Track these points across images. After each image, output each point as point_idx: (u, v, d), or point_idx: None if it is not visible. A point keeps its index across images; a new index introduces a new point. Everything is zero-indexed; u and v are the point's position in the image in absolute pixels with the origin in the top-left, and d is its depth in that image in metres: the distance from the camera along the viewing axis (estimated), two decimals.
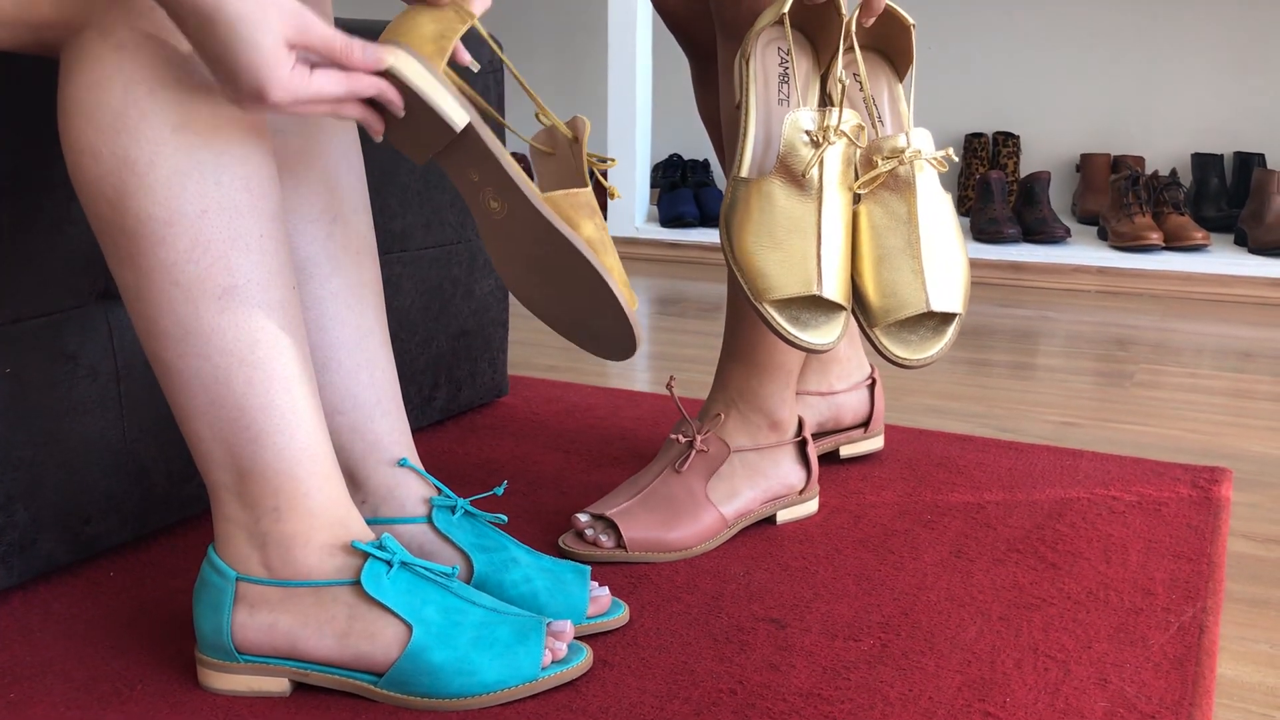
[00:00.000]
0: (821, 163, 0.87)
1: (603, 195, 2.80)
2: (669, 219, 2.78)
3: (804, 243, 0.86)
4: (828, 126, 0.87)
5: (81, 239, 0.94)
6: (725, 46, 1.05)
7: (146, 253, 0.76)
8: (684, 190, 2.86)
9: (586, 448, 1.34)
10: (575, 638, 0.88)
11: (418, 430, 1.38)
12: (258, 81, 0.69)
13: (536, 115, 0.91)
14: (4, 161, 0.88)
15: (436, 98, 0.78)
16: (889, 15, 0.93)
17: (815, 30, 0.95)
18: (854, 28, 0.91)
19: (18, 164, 0.89)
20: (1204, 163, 2.66)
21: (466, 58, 0.83)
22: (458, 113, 0.79)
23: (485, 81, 1.38)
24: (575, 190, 0.83)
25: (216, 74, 0.71)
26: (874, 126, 0.97)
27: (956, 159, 0.96)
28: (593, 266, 0.82)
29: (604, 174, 0.95)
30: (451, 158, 0.82)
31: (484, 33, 0.90)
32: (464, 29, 0.81)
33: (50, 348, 0.93)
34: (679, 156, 3.07)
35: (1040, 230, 2.53)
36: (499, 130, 0.94)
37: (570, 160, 0.89)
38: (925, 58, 2.93)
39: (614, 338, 0.86)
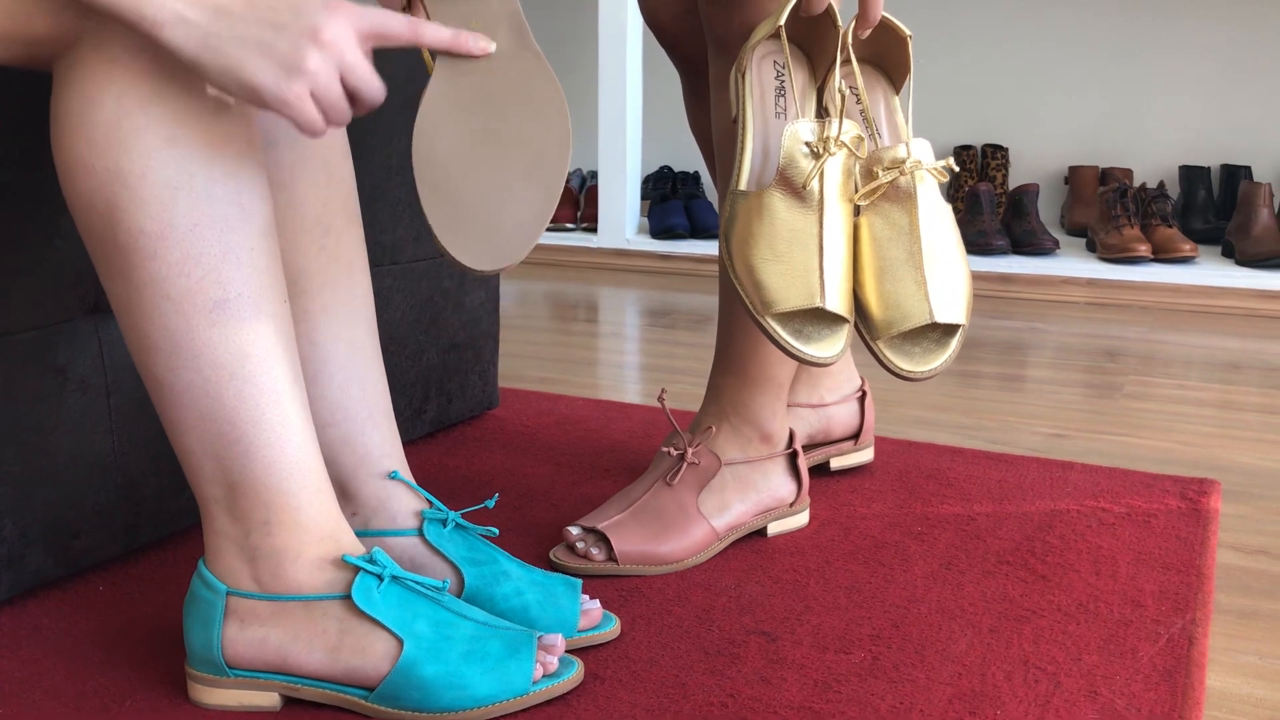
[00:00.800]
0: (822, 174, 0.87)
1: None
2: (659, 231, 2.79)
3: (806, 255, 0.86)
4: (828, 137, 0.87)
5: (71, 253, 0.94)
6: (717, 61, 1.05)
7: (138, 266, 0.76)
8: (674, 202, 2.86)
9: (577, 460, 1.34)
10: (566, 651, 0.88)
11: (408, 443, 1.38)
12: (329, 8, 0.71)
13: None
14: None
15: None
16: (885, 27, 0.93)
17: (811, 43, 0.95)
18: (850, 40, 0.91)
19: (7, 178, 0.88)
20: (1191, 175, 2.68)
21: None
22: None
23: None
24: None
25: (277, 24, 0.71)
26: (872, 138, 0.97)
27: (957, 168, 0.96)
28: (564, 111, 0.82)
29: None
30: (463, 4, 0.83)
31: None
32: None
33: (40, 361, 0.93)
34: (669, 168, 3.08)
35: (1029, 242, 2.54)
36: None
37: None
38: (914, 71, 2.95)
39: (513, 221, 0.83)
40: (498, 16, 0.84)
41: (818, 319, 0.87)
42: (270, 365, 0.78)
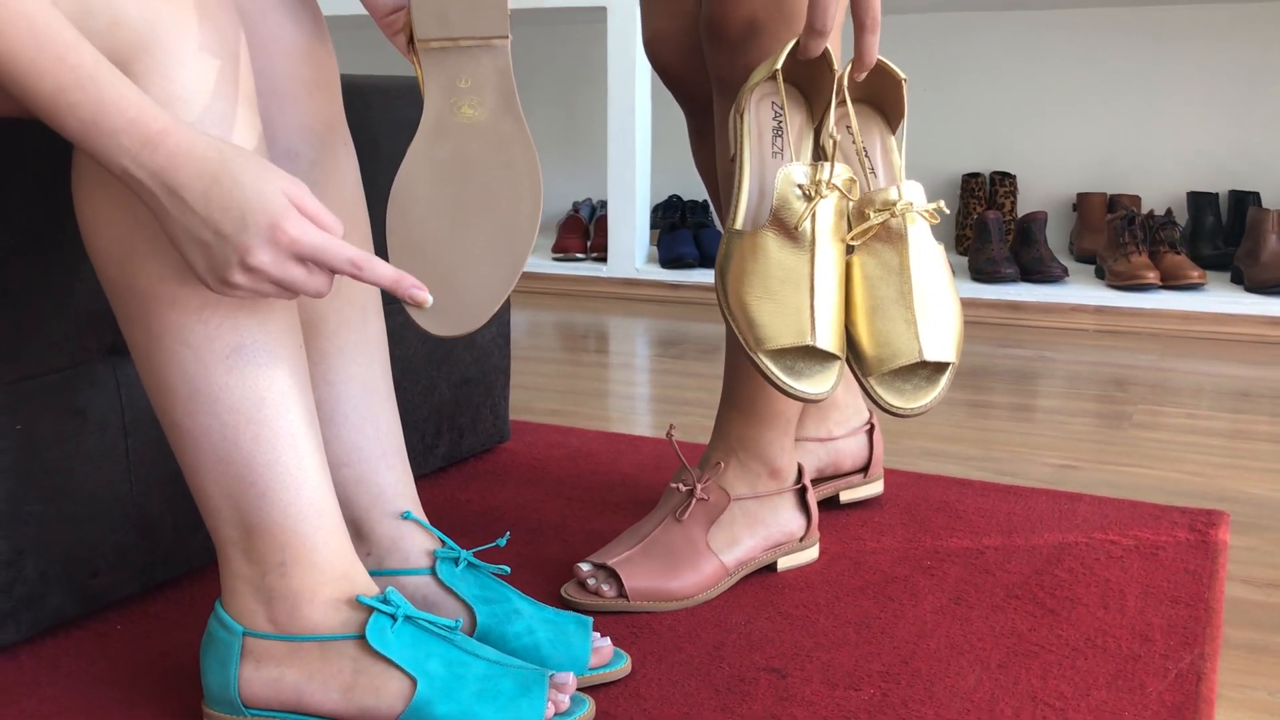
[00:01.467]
0: (814, 216, 0.89)
1: None
2: (668, 260, 2.81)
3: (797, 294, 0.88)
4: (819, 180, 0.89)
5: (90, 296, 0.96)
6: (721, 102, 1.07)
7: (157, 314, 0.77)
8: (683, 231, 2.88)
9: (588, 494, 1.35)
10: (578, 689, 0.88)
11: (420, 477, 1.39)
12: (268, 220, 0.71)
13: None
14: (17, 223, 0.90)
15: None
16: (881, 69, 0.95)
17: (808, 85, 0.97)
18: (846, 82, 0.93)
19: (30, 225, 0.90)
20: (1200, 201, 2.69)
21: None
22: (508, 21, 0.80)
23: None
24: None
25: (218, 243, 0.72)
26: (866, 178, 0.98)
27: (948, 211, 0.98)
28: (538, 183, 0.82)
29: None
30: (458, 57, 0.82)
31: None
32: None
33: (60, 403, 0.95)
34: (678, 198, 3.10)
35: (1037, 270, 2.55)
36: None
37: None
38: (922, 98, 2.97)
39: (475, 294, 0.82)
40: (486, 73, 0.84)
41: (810, 356, 0.89)
42: (286, 409, 0.80)
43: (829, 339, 0.88)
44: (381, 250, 1.26)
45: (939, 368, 0.91)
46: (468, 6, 0.81)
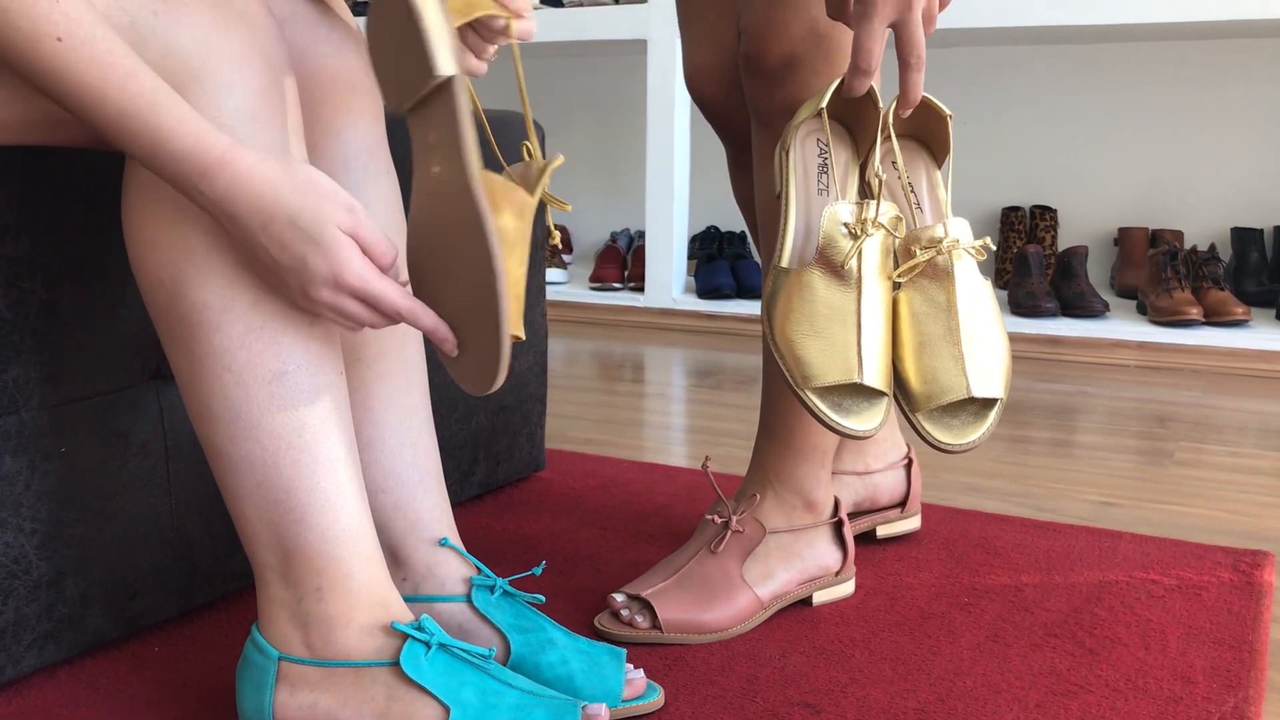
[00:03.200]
0: (860, 254, 0.89)
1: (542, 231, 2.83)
2: (706, 290, 2.81)
3: (845, 331, 0.88)
4: (866, 219, 0.89)
5: (135, 321, 0.97)
6: (760, 134, 1.08)
7: (201, 339, 0.78)
8: (721, 262, 2.88)
9: (622, 524, 1.35)
10: None
11: (456, 505, 1.39)
12: (327, 267, 0.74)
13: (522, 146, 0.89)
14: (64, 249, 0.91)
15: (434, 37, 0.77)
16: (926, 106, 0.95)
17: (853, 121, 0.97)
18: (891, 119, 0.93)
19: (76, 251, 0.92)
20: (1243, 237, 2.66)
21: (474, 62, 0.86)
22: (446, 60, 0.77)
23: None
24: (516, 186, 0.82)
25: (281, 271, 0.75)
26: (912, 214, 0.98)
27: (994, 247, 0.97)
28: (489, 251, 0.77)
29: (553, 220, 0.93)
30: (423, 113, 0.80)
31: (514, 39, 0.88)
32: (491, 10, 0.82)
33: (103, 427, 0.96)
34: (716, 229, 3.11)
35: (1078, 304, 2.53)
36: (485, 146, 0.90)
37: (530, 181, 0.87)
38: (962, 133, 2.96)
39: (478, 358, 0.80)
40: (442, 121, 0.80)
41: (856, 393, 0.89)
42: (326, 435, 0.81)
43: (876, 376, 0.88)
44: None
45: (987, 403, 0.90)
46: (409, 60, 0.79)
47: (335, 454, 0.81)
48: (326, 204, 0.74)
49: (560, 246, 3.23)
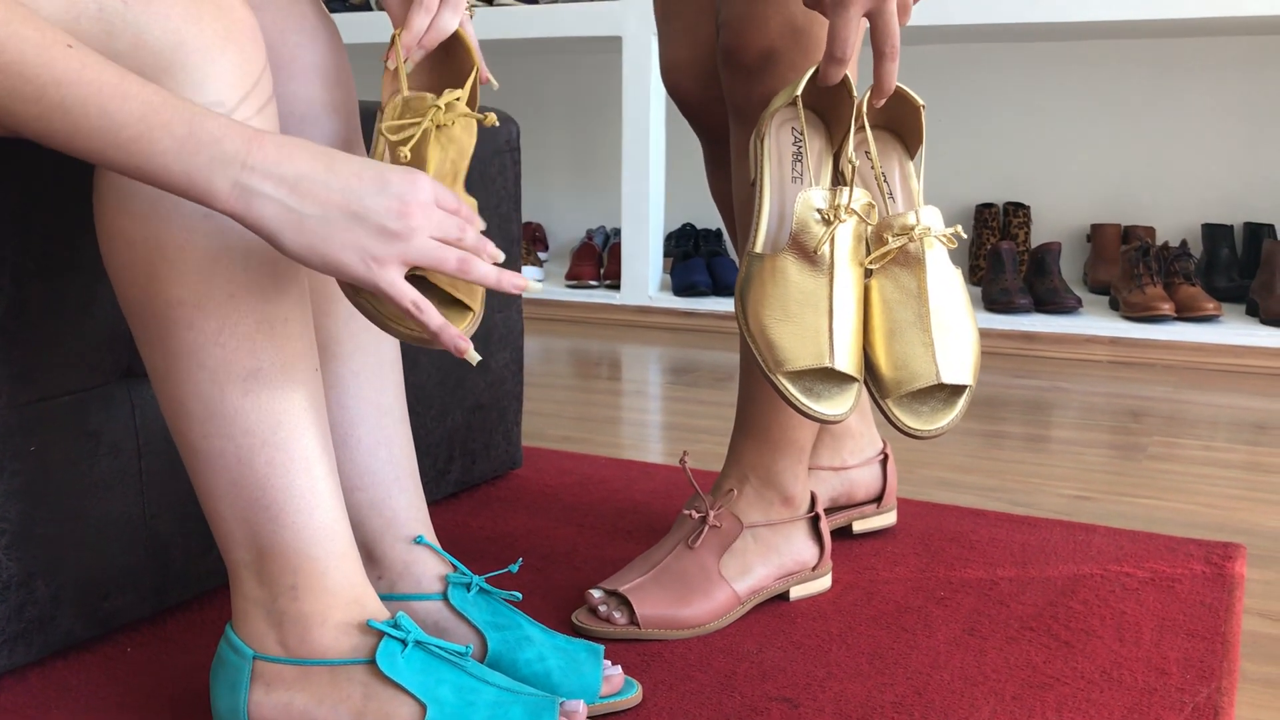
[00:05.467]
0: (833, 239, 0.89)
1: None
2: (682, 288, 2.81)
3: (816, 316, 0.88)
4: (839, 205, 0.89)
5: (107, 318, 0.96)
6: (737, 129, 1.08)
7: (175, 336, 0.78)
8: (697, 259, 2.88)
9: (600, 521, 1.35)
10: (589, 717, 0.88)
11: (433, 503, 1.39)
12: (403, 172, 0.71)
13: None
14: (33, 245, 0.90)
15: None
16: (900, 96, 0.96)
17: (828, 110, 0.98)
18: (865, 108, 0.94)
19: (46, 248, 0.91)
20: (1214, 233, 2.68)
21: (485, 73, 0.88)
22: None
23: (503, 161, 1.41)
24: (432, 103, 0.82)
25: (364, 210, 0.70)
26: (885, 203, 0.99)
27: (965, 235, 0.98)
28: None
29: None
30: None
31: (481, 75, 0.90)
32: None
33: (74, 425, 0.95)
34: (692, 226, 3.11)
35: (1052, 300, 2.54)
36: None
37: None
38: (936, 129, 2.97)
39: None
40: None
41: (828, 378, 0.89)
42: (301, 433, 0.80)
43: (847, 361, 0.88)
44: None
45: (956, 390, 0.91)
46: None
47: (310, 451, 0.81)
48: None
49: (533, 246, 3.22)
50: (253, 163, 0.68)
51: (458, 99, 0.84)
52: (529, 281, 0.77)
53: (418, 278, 0.78)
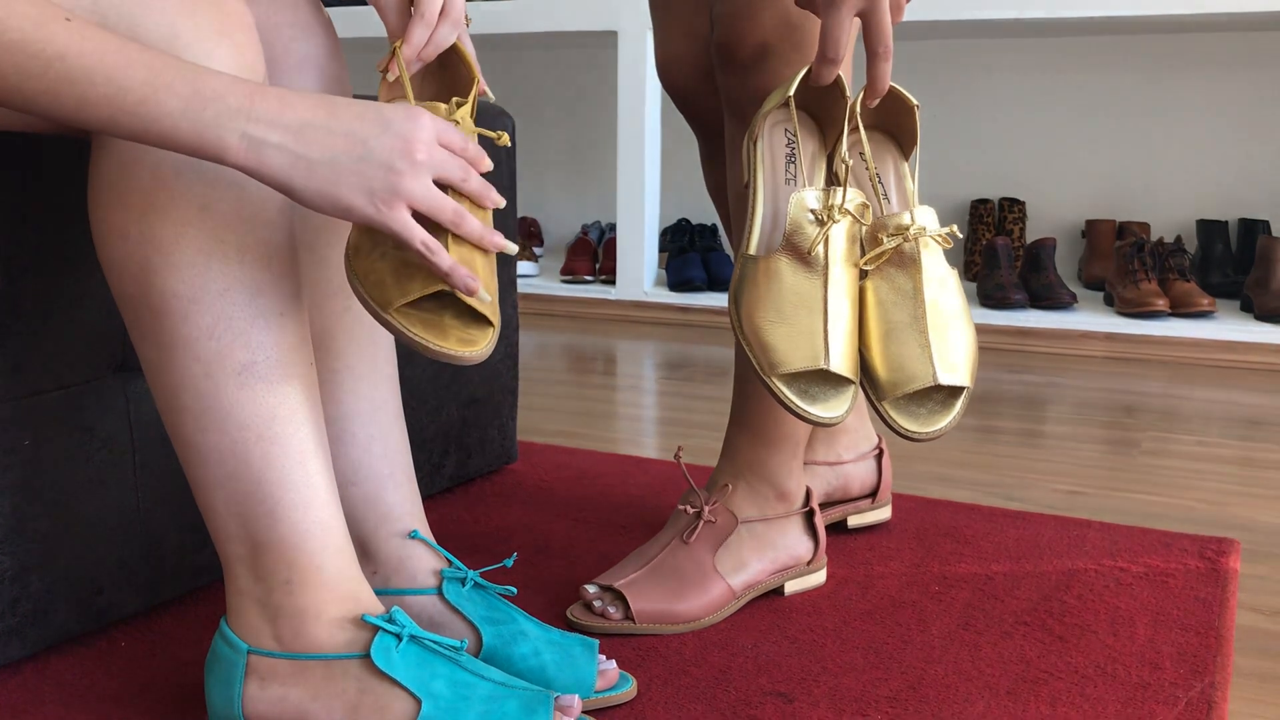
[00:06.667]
0: (827, 240, 0.89)
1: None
2: (677, 283, 2.81)
3: (811, 318, 0.88)
4: (832, 205, 0.89)
5: (100, 313, 0.96)
6: (733, 125, 1.07)
7: (169, 329, 0.77)
8: (692, 255, 2.88)
9: (595, 516, 1.35)
10: (583, 712, 0.88)
11: (427, 498, 1.39)
12: (405, 111, 0.72)
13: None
14: (26, 239, 0.90)
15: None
16: (894, 96, 0.95)
17: (821, 111, 0.97)
18: (859, 109, 0.93)
19: (39, 241, 0.91)
20: (1209, 229, 2.69)
21: (483, 86, 0.89)
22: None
23: (498, 156, 1.41)
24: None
25: (366, 154, 0.71)
26: (879, 204, 0.99)
27: (960, 235, 0.97)
28: (348, 267, 0.79)
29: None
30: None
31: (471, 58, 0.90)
32: (387, 66, 0.84)
33: (68, 420, 0.95)
34: (687, 221, 3.10)
35: (1046, 296, 2.54)
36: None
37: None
38: (931, 125, 2.97)
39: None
40: None
41: (823, 380, 0.89)
42: (296, 427, 0.80)
43: (842, 362, 0.88)
44: None
45: (953, 392, 0.90)
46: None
47: (305, 445, 0.80)
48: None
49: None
50: (257, 114, 0.69)
51: (463, 109, 0.84)
52: (510, 244, 0.79)
53: (444, 293, 0.78)
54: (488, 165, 0.78)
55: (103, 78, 0.66)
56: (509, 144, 0.89)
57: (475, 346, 0.78)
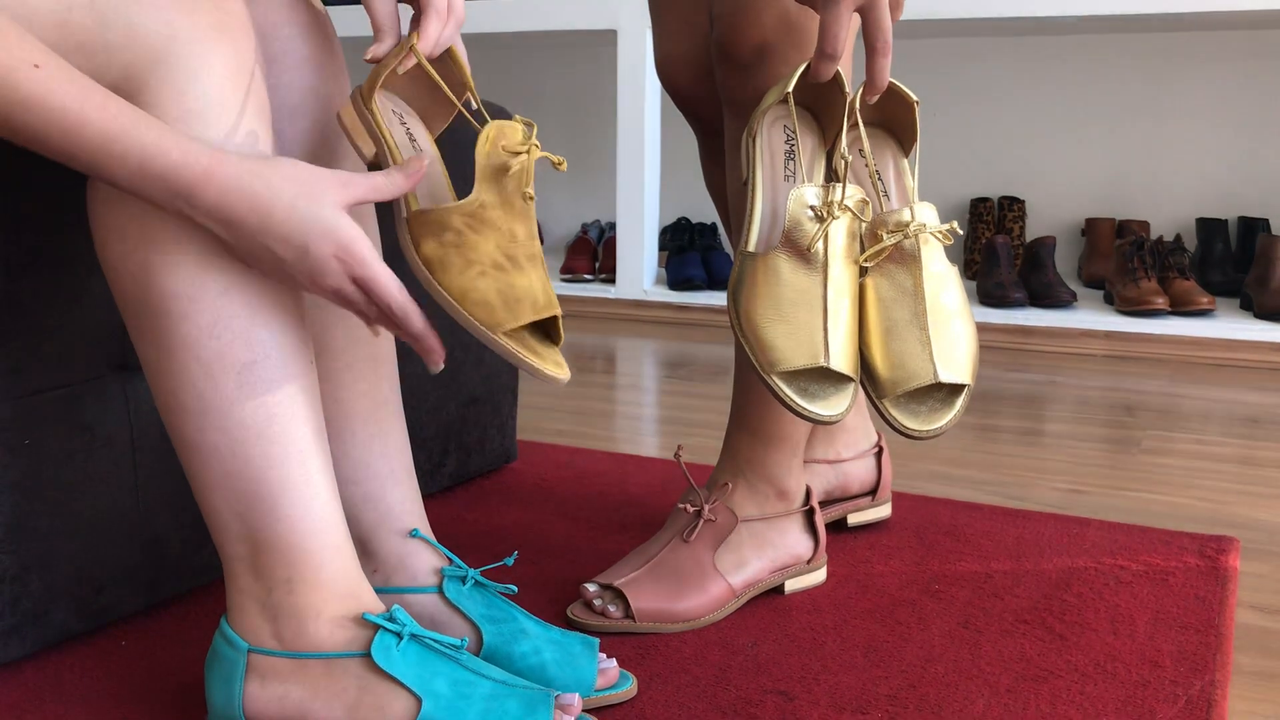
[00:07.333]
0: (826, 237, 0.88)
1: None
2: (677, 282, 2.81)
3: (810, 315, 0.87)
4: (832, 202, 0.89)
5: (100, 312, 0.96)
6: (732, 123, 1.07)
7: (169, 329, 0.77)
8: (692, 254, 2.88)
9: (595, 515, 1.35)
10: (584, 710, 0.88)
11: (427, 497, 1.39)
12: (331, 248, 0.75)
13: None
14: (26, 238, 0.90)
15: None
16: (893, 92, 0.95)
17: (820, 108, 0.97)
18: (858, 105, 0.93)
19: (39, 241, 0.91)
20: (1209, 228, 2.69)
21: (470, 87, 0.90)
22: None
23: None
24: (428, 209, 0.82)
25: (285, 261, 0.75)
26: (879, 201, 0.98)
27: (961, 232, 0.97)
28: (429, 281, 0.81)
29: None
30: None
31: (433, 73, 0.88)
32: (399, 63, 0.85)
33: (68, 419, 0.95)
34: (687, 220, 3.10)
35: (1046, 295, 2.54)
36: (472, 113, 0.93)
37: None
38: (931, 123, 2.97)
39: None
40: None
41: (823, 378, 0.88)
42: (296, 426, 0.80)
43: (842, 360, 0.87)
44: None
45: (954, 389, 0.90)
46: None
47: (305, 444, 0.80)
48: (319, 184, 0.74)
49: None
50: (195, 202, 0.73)
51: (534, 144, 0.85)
52: (437, 356, 0.81)
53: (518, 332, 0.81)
54: (416, 324, 0.79)
55: (58, 134, 0.69)
56: (565, 169, 0.89)
57: (563, 370, 0.81)
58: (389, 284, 0.77)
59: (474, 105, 0.90)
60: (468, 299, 0.79)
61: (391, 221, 1.07)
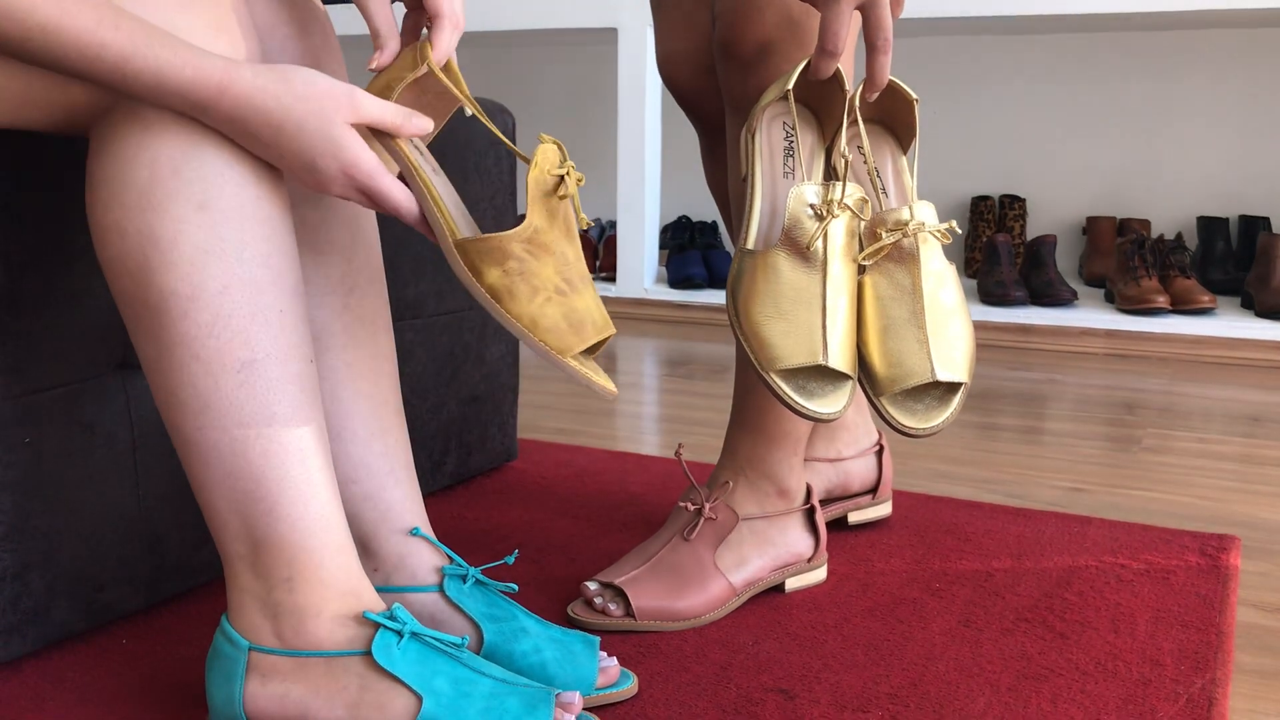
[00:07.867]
0: (825, 235, 0.88)
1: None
2: (677, 280, 2.81)
3: (809, 313, 0.88)
4: (831, 200, 0.89)
5: (100, 310, 0.96)
6: (733, 121, 1.07)
7: (168, 327, 0.77)
8: (692, 252, 2.88)
9: (595, 513, 1.35)
10: (584, 709, 0.88)
11: (428, 495, 1.39)
12: (337, 165, 0.77)
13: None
14: (26, 236, 0.90)
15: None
16: (892, 90, 0.95)
17: (820, 105, 0.97)
18: (858, 103, 0.93)
19: (39, 239, 0.91)
20: (1210, 226, 2.69)
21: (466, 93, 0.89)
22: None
23: (498, 153, 1.41)
24: (485, 236, 0.82)
25: (296, 171, 0.79)
26: (878, 198, 0.98)
27: (960, 231, 0.97)
28: (499, 311, 0.82)
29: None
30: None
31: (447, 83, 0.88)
32: (414, 74, 0.85)
33: (68, 417, 0.95)
34: (687, 218, 3.10)
35: (1047, 293, 2.54)
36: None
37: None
38: (932, 121, 2.97)
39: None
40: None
41: (821, 375, 0.88)
42: (296, 424, 0.80)
43: (841, 358, 0.87)
44: (427, 248, 1.26)
45: (951, 388, 0.90)
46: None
47: (305, 443, 0.80)
48: (329, 101, 0.76)
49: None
50: (210, 116, 0.76)
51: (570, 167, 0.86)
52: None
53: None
54: (397, 202, 0.81)
55: (76, 54, 0.71)
56: (587, 226, 0.89)
57: (611, 383, 0.84)
58: (397, 196, 0.80)
59: (469, 112, 0.90)
60: (539, 326, 0.81)
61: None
